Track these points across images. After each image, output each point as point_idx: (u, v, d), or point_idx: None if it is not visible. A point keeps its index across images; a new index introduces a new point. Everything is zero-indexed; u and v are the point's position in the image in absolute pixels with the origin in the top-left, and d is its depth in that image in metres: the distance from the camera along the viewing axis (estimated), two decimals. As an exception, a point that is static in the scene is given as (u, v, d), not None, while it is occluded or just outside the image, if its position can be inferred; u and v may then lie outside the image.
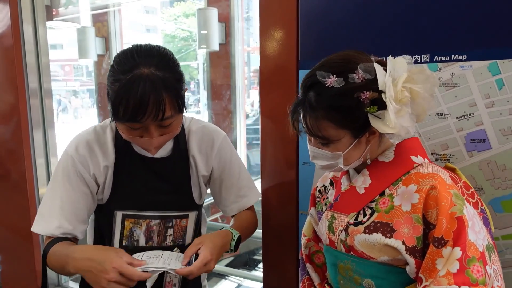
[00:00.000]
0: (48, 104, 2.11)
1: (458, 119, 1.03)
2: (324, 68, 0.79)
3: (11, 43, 1.92)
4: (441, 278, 0.70)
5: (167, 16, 13.88)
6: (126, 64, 0.86)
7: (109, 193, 1.02)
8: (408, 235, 0.76)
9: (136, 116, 0.85)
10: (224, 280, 3.72)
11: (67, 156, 1.00)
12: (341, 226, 0.87)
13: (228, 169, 1.13)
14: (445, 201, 0.73)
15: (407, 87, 0.76)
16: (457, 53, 1.01)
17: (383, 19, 1.09)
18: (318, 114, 0.79)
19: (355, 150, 0.82)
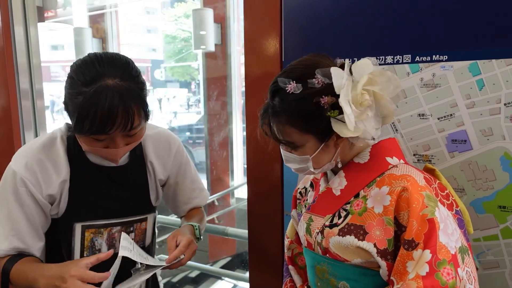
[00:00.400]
0: (39, 105, 2.12)
1: (440, 120, 1.02)
2: (285, 74, 0.79)
3: (2, 44, 1.93)
4: (410, 281, 0.70)
5: (167, 17, 13.91)
6: (88, 75, 0.83)
7: (65, 207, 0.98)
8: (379, 238, 0.76)
9: (104, 129, 0.83)
10: (220, 281, 3.73)
11: (15, 176, 0.93)
12: (317, 228, 0.87)
13: (183, 173, 1.17)
14: (416, 203, 0.72)
15: (369, 89, 0.75)
16: (438, 53, 1.00)
17: (365, 20, 1.09)
18: (282, 120, 0.79)
19: (324, 154, 0.82)
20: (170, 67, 15.16)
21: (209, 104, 3.92)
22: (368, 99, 0.74)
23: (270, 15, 1.24)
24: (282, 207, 1.33)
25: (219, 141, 3.98)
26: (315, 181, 0.98)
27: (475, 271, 0.75)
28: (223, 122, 3.91)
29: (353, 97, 0.75)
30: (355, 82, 0.76)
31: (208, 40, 3.53)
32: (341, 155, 0.85)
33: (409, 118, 1.06)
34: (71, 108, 0.86)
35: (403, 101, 1.06)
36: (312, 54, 0.83)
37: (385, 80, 0.76)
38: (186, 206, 1.20)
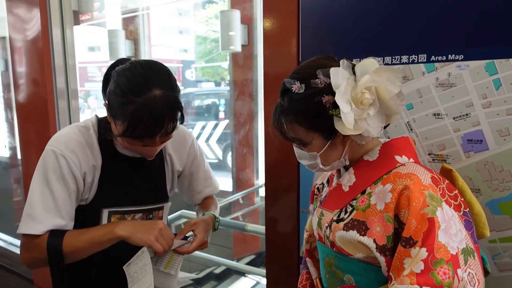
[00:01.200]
0: (74, 104, 2.25)
1: (455, 120, 1.01)
2: (292, 75, 0.83)
3: (41, 46, 2.07)
4: (404, 277, 0.71)
5: (199, 18, 14.16)
6: (136, 84, 0.91)
7: (94, 193, 1.05)
8: (379, 234, 0.77)
9: (153, 134, 0.94)
10: (244, 278, 3.78)
11: (56, 155, 0.99)
12: (326, 222, 0.89)
13: (197, 164, 1.26)
14: (416, 201, 0.73)
15: (371, 88, 0.77)
16: (454, 53, 1.00)
17: (381, 19, 1.10)
18: (289, 118, 0.83)
19: (331, 151, 0.85)
20: (200, 67, 15.43)
21: (235, 104, 3.98)
22: (368, 98, 0.76)
23: (288, 16, 1.27)
24: (298, 204, 1.35)
25: (244, 140, 4.04)
26: (331, 177, 1.01)
27: (481, 274, 0.75)
28: (248, 121, 3.96)
29: (354, 96, 0.77)
30: (357, 81, 0.78)
31: (235, 41, 3.60)
32: (351, 152, 0.87)
33: (424, 117, 1.06)
34: (120, 115, 0.94)
35: (418, 101, 1.06)
36: (319, 56, 0.86)
37: (386, 78, 0.77)
38: (200, 194, 1.31)
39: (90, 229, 1.01)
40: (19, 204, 3.75)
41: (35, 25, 2.10)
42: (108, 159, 1.06)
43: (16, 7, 2.18)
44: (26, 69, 2.22)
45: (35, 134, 2.25)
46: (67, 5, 2.14)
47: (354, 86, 0.77)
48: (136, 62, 0.96)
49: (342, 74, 0.78)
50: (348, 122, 0.76)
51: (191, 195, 1.31)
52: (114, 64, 1.02)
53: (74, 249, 0.98)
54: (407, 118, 1.08)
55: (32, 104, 2.22)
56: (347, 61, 0.80)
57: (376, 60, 0.79)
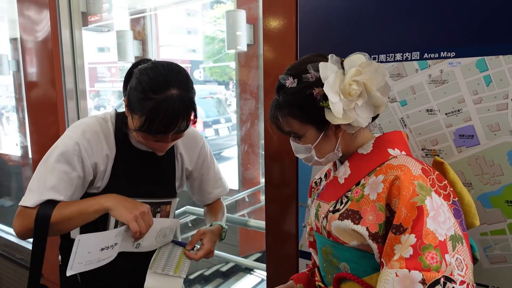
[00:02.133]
0: (83, 104, 2.31)
1: (447, 115, 1.04)
2: (286, 72, 0.89)
3: (50, 47, 2.13)
4: (394, 262, 0.74)
5: (207, 18, 14.24)
6: (158, 84, 0.98)
7: (106, 182, 1.11)
8: (372, 222, 0.81)
9: (167, 130, 1.00)
10: (250, 275, 3.82)
11: (71, 140, 1.05)
12: (323, 213, 0.93)
13: (207, 166, 1.32)
14: (406, 191, 0.77)
15: (358, 80, 0.80)
16: (446, 50, 1.02)
17: (376, 19, 1.13)
18: (284, 112, 0.88)
19: (325, 143, 0.89)
20: (208, 67, 15.51)
21: (241, 103, 4.02)
22: (355, 89, 0.81)
23: (286, 16, 1.31)
24: (297, 199, 1.39)
25: (249, 139, 4.08)
26: (329, 171, 1.04)
27: (468, 260, 0.78)
28: (254, 120, 4.00)
29: (342, 88, 0.81)
30: (345, 74, 0.82)
31: (241, 40, 3.63)
32: (344, 145, 0.91)
33: (418, 113, 1.08)
34: (139, 110, 1.00)
35: (412, 97, 1.09)
36: (311, 54, 0.91)
37: (373, 70, 0.82)
38: (210, 195, 1.37)
39: (80, 200, 1.05)
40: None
41: (45, 27, 2.17)
42: (122, 150, 1.13)
43: (26, 9, 2.25)
44: (36, 70, 2.29)
45: (45, 133, 2.32)
46: (75, 7, 2.20)
47: (343, 79, 0.82)
48: (158, 63, 1.03)
49: (330, 68, 0.83)
50: (337, 111, 0.80)
51: (201, 196, 1.37)
52: (137, 63, 1.09)
53: (62, 218, 1.00)
54: (401, 114, 1.11)
55: (42, 103, 2.29)
56: (335, 56, 0.84)
57: (364, 56, 0.83)
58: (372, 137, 0.92)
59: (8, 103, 5.33)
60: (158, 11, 4.70)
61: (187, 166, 1.27)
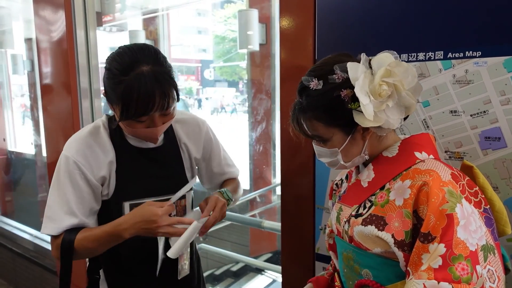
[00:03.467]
0: (97, 103, 2.31)
1: (472, 117, 1.01)
2: (309, 73, 0.85)
3: (66, 47, 2.14)
4: (422, 272, 0.71)
5: (217, 18, 14.26)
6: (124, 64, 0.95)
7: (114, 187, 1.09)
8: (397, 229, 0.78)
9: (146, 110, 0.95)
10: (260, 275, 3.81)
11: (68, 161, 1.04)
12: (345, 217, 0.91)
13: (213, 149, 1.28)
14: (435, 197, 0.73)
15: (388, 81, 0.78)
16: (471, 50, 0.99)
17: (397, 16, 1.10)
18: (308, 115, 0.85)
19: (351, 146, 0.86)
20: (219, 67, 15.54)
21: (253, 103, 4.01)
22: (386, 89, 0.78)
23: (304, 14, 1.29)
24: (314, 201, 1.37)
25: (261, 139, 4.06)
26: (350, 173, 1.02)
27: (501, 271, 0.74)
28: (266, 120, 3.98)
29: (372, 88, 0.78)
30: (374, 74, 0.80)
31: (253, 40, 3.62)
32: (370, 148, 0.88)
33: (441, 114, 1.05)
34: (114, 97, 0.97)
35: (435, 98, 1.05)
36: (335, 53, 0.88)
37: (403, 70, 0.79)
38: (220, 177, 1.32)
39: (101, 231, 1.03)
40: (43, 199, 3.89)
41: (60, 27, 2.18)
42: (121, 153, 1.10)
43: (42, 10, 2.27)
44: (51, 69, 2.30)
45: (60, 132, 2.33)
46: (90, 7, 2.21)
47: (372, 79, 0.79)
48: (124, 46, 1.00)
49: (360, 68, 0.79)
50: (368, 114, 0.77)
51: (211, 182, 1.32)
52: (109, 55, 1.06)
53: (84, 248, 1.03)
54: (423, 115, 1.08)
55: (57, 103, 2.31)
56: (365, 55, 0.81)
57: (392, 54, 0.80)
58: (398, 140, 0.89)
59: (23, 102, 5.41)
60: (170, 10, 4.71)
61: (195, 155, 1.23)
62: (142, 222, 0.99)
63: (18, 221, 3.82)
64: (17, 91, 5.28)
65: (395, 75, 0.79)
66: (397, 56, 0.82)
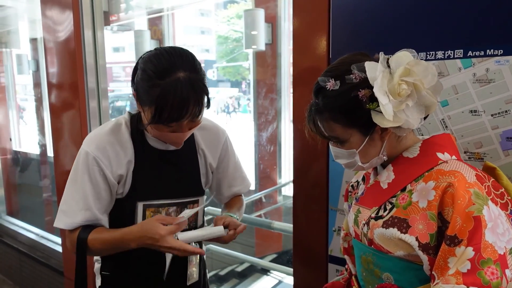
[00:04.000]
0: (104, 103, 2.30)
1: (493, 117, 0.99)
2: (325, 74, 0.83)
3: (73, 46, 2.13)
4: (450, 277, 0.70)
5: (220, 18, 14.26)
6: (161, 69, 0.94)
7: (129, 186, 1.09)
8: (422, 232, 0.76)
9: (179, 117, 0.95)
10: (266, 276, 3.79)
11: (88, 156, 1.04)
12: (364, 219, 0.89)
13: (227, 160, 1.26)
14: (461, 199, 0.72)
15: (408, 80, 0.76)
16: (493, 48, 0.97)
17: (415, 14, 1.08)
18: (325, 117, 0.83)
19: (370, 147, 0.84)
20: (221, 67, 15.54)
21: (258, 103, 3.99)
22: (406, 89, 0.76)
23: (318, 12, 1.27)
24: (327, 202, 1.35)
25: (267, 139, 4.04)
26: (367, 174, 1.00)
27: None
28: (271, 120, 3.96)
29: (391, 88, 0.77)
30: (392, 73, 0.78)
31: (259, 39, 3.60)
32: (389, 149, 0.86)
33: (460, 114, 1.03)
34: (147, 100, 0.96)
35: (454, 97, 1.03)
36: (352, 53, 0.86)
37: (422, 69, 0.77)
38: (228, 192, 1.30)
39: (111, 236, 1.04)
40: (49, 199, 3.88)
41: (67, 26, 2.17)
42: (140, 153, 1.09)
43: (50, 9, 2.26)
44: (58, 69, 2.30)
45: (67, 132, 2.32)
46: (98, 6, 2.20)
47: (390, 79, 0.77)
48: (161, 49, 0.99)
49: (378, 67, 0.78)
50: (388, 114, 0.75)
51: (219, 193, 1.31)
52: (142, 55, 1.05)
53: (95, 248, 1.04)
54: (442, 115, 1.06)
55: (64, 103, 2.30)
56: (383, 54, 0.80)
57: (411, 53, 0.78)
58: (418, 140, 0.88)
59: (27, 102, 5.41)
60: (175, 10, 4.69)
61: (211, 162, 1.22)
62: (145, 238, 0.99)
63: (23, 220, 3.82)
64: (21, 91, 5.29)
65: (414, 74, 0.77)
66: (416, 54, 0.81)
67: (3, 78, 4.40)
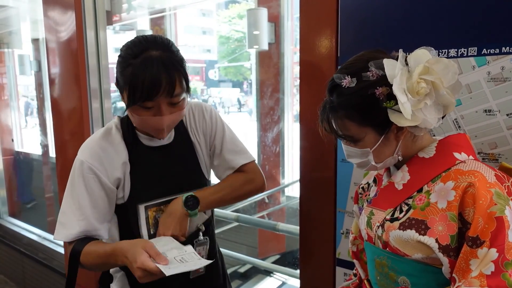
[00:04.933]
0: (107, 104, 2.28)
1: (509, 116, 0.96)
2: (341, 71, 0.81)
3: (76, 47, 2.11)
4: (473, 279, 0.67)
5: (222, 18, 14.26)
6: (135, 49, 0.95)
7: (129, 190, 1.07)
8: (442, 233, 0.74)
9: (151, 94, 0.93)
10: (269, 278, 3.76)
11: (82, 165, 1.03)
12: (378, 222, 0.87)
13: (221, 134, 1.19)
14: (483, 199, 0.70)
15: (426, 79, 0.74)
16: (508, 45, 0.94)
17: (427, 11, 1.05)
18: (340, 115, 0.81)
19: (384, 147, 0.82)
20: (223, 67, 15.54)
21: (261, 103, 3.97)
22: (425, 87, 0.74)
23: (326, 10, 1.24)
24: (335, 204, 1.32)
25: (270, 140, 4.02)
26: (378, 176, 0.98)
27: None
28: (275, 121, 3.94)
29: (409, 86, 0.74)
30: (411, 71, 0.76)
31: (261, 39, 3.58)
32: (404, 149, 0.84)
33: (474, 114, 1.00)
34: (122, 82, 0.97)
35: (467, 96, 1.01)
36: (368, 50, 0.84)
37: (442, 67, 0.75)
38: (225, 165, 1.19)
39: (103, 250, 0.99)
40: (50, 200, 3.87)
41: (70, 26, 2.15)
42: (134, 152, 1.08)
43: (52, 9, 2.24)
44: (61, 70, 2.28)
45: (69, 133, 2.30)
46: (100, 6, 2.17)
47: (409, 77, 0.75)
48: (140, 35, 1.01)
49: (397, 65, 0.75)
50: (407, 112, 0.73)
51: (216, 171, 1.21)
52: None
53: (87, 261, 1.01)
54: (454, 115, 1.03)
55: (67, 103, 2.28)
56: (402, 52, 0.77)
57: (429, 51, 0.76)
58: (433, 140, 0.85)
59: (29, 102, 5.40)
60: (177, 10, 4.67)
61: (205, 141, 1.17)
62: (126, 259, 0.93)
63: (25, 221, 3.80)
64: (23, 92, 5.28)
65: (434, 73, 0.75)
66: (435, 52, 0.78)
67: (5, 78, 4.39)
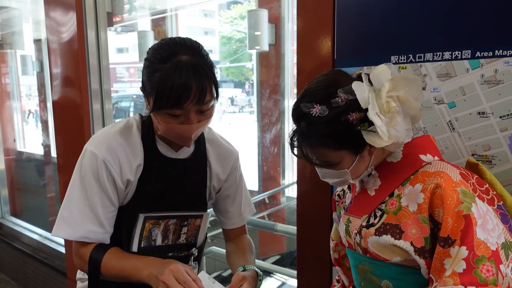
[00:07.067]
0: (107, 104, 2.29)
1: (502, 118, 0.97)
2: (306, 99, 0.79)
3: (76, 47, 2.13)
4: (447, 278, 0.69)
5: (224, 19, 14.29)
6: (163, 53, 0.89)
7: (132, 195, 1.01)
8: (416, 236, 0.75)
9: (180, 101, 0.87)
10: (269, 278, 3.77)
11: (96, 158, 0.95)
12: (355, 229, 0.88)
13: (237, 186, 1.19)
14: (450, 199, 0.71)
15: (394, 95, 0.75)
16: (501, 48, 0.95)
17: (422, 14, 1.06)
18: (313, 142, 0.80)
19: (360, 164, 0.83)
20: (225, 67, 15.56)
21: (261, 103, 3.98)
22: (394, 106, 0.75)
23: (323, 12, 1.25)
24: (331, 206, 1.33)
25: (270, 140, 4.03)
26: (352, 183, 0.98)
27: None
28: (275, 121, 3.95)
29: (380, 106, 0.75)
30: (377, 91, 0.76)
31: (262, 40, 3.59)
32: (375, 159, 0.86)
33: (468, 116, 1.01)
34: (149, 87, 0.91)
35: (461, 99, 1.02)
36: (327, 72, 0.85)
37: (407, 83, 0.76)
38: (236, 219, 1.22)
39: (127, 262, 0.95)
40: (52, 200, 3.89)
41: (71, 27, 2.17)
42: (149, 159, 1.03)
43: (53, 10, 2.26)
44: (62, 70, 2.29)
45: (70, 133, 2.32)
46: (101, 7, 2.19)
47: (378, 97, 0.76)
48: (167, 38, 0.95)
49: (365, 88, 0.76)
50: (384, 134, 0.74)
51: (226, 218, 1.22)
52: None
53: (107, 273, 0.96)
54: (449, 117, 1.04)
55: (68, 104, 2.29)
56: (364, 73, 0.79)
57: (388, 67, 0.77)
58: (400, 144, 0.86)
59: (31, 102, 5.43)
60: (179, 11, 4.69)
61: (219, 175, 1.15)
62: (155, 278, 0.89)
63: (27, 221, 3.83)
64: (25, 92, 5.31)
65: (399, 89, 0.76)
66: (394, 67, 0.80)
67: (7, 79, 4.42)
